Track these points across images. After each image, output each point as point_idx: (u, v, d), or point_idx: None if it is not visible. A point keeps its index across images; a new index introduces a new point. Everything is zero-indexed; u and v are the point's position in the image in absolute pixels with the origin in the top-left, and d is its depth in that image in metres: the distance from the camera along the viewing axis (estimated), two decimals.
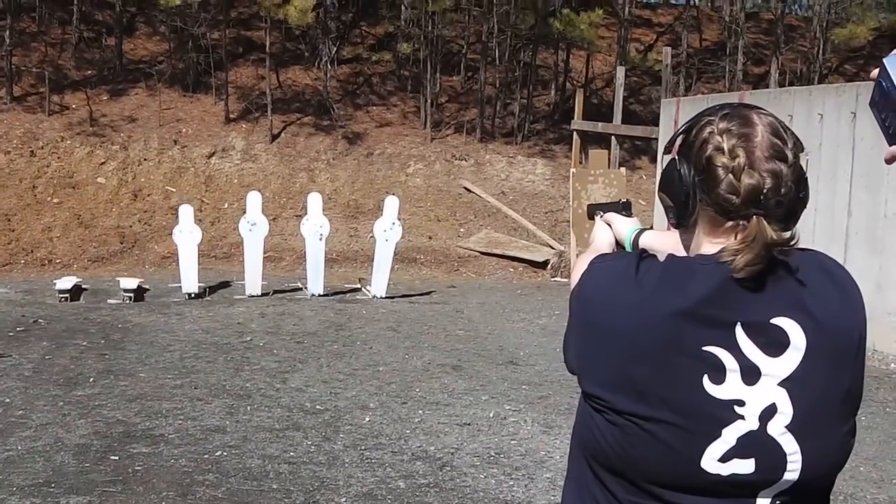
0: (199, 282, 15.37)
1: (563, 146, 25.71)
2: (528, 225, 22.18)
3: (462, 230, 21.70)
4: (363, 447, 7.57)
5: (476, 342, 12.06)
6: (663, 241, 2.16)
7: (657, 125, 20.76)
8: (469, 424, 8.32)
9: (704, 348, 1.81)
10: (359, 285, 16.63)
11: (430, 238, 21.02)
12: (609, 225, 2.55)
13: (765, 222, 1.81)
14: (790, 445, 1.81)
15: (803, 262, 1.88)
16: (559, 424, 8.39)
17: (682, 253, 2.01)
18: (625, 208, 2.61)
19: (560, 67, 28.49)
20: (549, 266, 19.38)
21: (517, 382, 9.98)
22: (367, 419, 8.39)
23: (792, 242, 1.85)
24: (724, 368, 1.80)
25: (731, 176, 1.83)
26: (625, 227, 2.52)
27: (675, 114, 17.92)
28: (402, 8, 27.52)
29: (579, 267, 2.10)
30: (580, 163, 22.97)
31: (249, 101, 24.69)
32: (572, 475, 2.06)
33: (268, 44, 24.70)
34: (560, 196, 23.87)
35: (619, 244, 2.52)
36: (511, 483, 6.86)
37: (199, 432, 7.84)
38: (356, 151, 24.07)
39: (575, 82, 28.40)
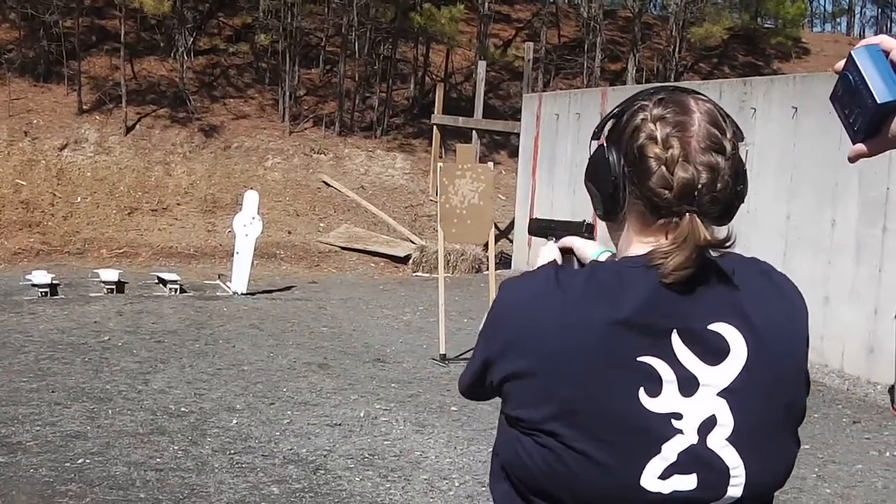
0: (51, 277, 14.89)
1: (423, 140, 25.72)
2: (388, 220, 22.10)
3: (322, 225, 21.51)
4: (232, 451, 7.36)
5: (341, 339, 11.90)
6: None
7: (516, 119, 20.90)
8: (340, 425, 8.17)
9: (639, 359, 1.67)
10: (218, 282, 16.31)
11: (289, 233, 20.79)
12: (569, 250, 2.21)
13: (698, 220, 1.68)
14: (732, 459, 1.69)
15: (740, 265, 1.78)
16: (431, 423, 8.30)
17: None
18: (587, 230, 2.25)
19: (420, 62, 28.48)
20: (410, 261, 19.32)
21: (386, 380, 9.86)
22: (235, 421, 8.16)
23: (728, 244, 1.72)
24: (661, 380, 1.67)
25: (663, 168, 1.69)
26: (591, 250, 2.16)
27: (536, 109, 18.04)
28: None
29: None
30: (440, 157, 22.97)
31: (103, 91, 24.06)
32: (498, 501, 1.91)
33: (122, 33, 24.10)
34: (420, 190, 23.86)
35: None
36: (388, 485, 6.73)
37: (58, 439, 7.51)
38: (213, 144, 23.67)
39: (434, 76, 28.43)
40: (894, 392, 9.29)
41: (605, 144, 1.82)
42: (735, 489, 1.70)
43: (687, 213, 1.69)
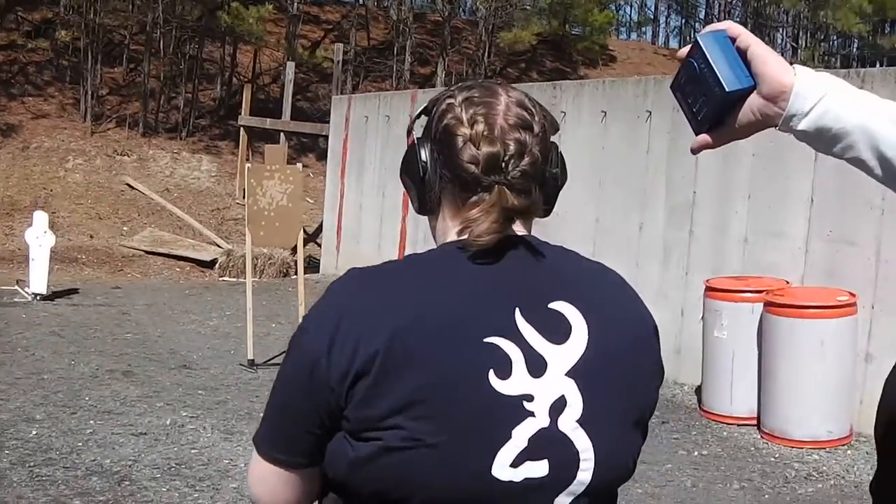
0: None
1: (230, 142, 25.40)
2: (193, 223, 21.73)
3: (125, 228, 21.00)
4: (32, 463, 7.07)
5: (146, 346, 11.60)
6: None
7: (325, 122, 20.80)
8: (145, 434, 7.94)
9: (486, 340, 1.60)
10: (16, 287, 15.72)
11: (91, 237, 20.22)
12: None
13: (507, 191, 1.65)
14: (582, 441, 1.63)
15: (567, 253, 1.76)
16: (240, 430, 8.15)
17: None
18: None
19: (227, 62, 28.11)
20: (216, 265, 19.02)
21: (192, 387, 9.64)
22: (34, 432, 7.85)
23: (532, 208, 1.69)
24: (510, 360, 1.60)
25: (470, 144, 1.67)
26: None
27: (346, 111, 17.98)
28: None
29: None
30: (247, 159, 22.69)
31: None
32: None
33: None
34: (226, 193, 23.52)
35: None
36: (196, 495, 6.58)
37: None
38: (11, 145, 22.87)
39: (242, 77, 28.10)
40: (701, 392, 9.52)
41: (417, 139, 1.79)
42: (584, 473, 1.65)
43: (496, 186, 1.66)
